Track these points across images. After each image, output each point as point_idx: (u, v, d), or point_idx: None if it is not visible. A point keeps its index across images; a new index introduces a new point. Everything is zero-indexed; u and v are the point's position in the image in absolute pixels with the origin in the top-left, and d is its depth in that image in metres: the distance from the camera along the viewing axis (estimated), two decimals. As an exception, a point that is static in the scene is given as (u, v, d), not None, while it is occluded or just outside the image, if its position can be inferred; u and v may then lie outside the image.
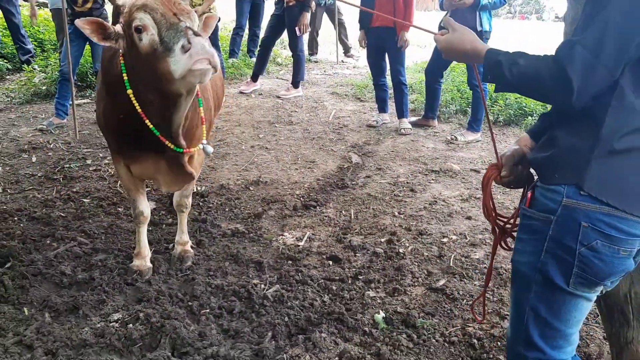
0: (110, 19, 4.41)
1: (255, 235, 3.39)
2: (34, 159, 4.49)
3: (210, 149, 2.50)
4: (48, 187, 3.97)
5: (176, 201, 3.01)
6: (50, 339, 2.26)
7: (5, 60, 7.08)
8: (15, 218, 3.46)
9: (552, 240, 1.47)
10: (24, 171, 4.24)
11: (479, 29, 4.86)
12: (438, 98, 5.66)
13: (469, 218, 3.69)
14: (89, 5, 5.03)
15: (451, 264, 3.08)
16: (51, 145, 4.79)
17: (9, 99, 6.08)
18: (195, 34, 1.98)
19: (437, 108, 5.71)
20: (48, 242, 3.17)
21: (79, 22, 2.15)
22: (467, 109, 5.86)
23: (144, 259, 2.91)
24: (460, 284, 2.89)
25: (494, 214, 1.83)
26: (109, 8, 4.59)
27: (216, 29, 6.72)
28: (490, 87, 5.55)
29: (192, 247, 3.11)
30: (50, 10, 6.54)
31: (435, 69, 5.47)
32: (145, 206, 2.89)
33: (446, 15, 4.98)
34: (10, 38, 7.14)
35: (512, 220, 1.78)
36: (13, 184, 4.01)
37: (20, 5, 7.22)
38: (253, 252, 3.18)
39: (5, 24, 7.01)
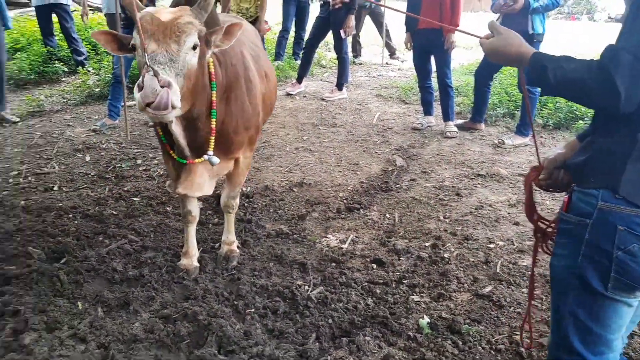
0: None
1: (299, 237, 3.41)
2: (87, 159, 4.66)
3: (215, 160, 2.42)
4: (101, 186, 4.11)
5: (223, 202, 3.05)
6: (103, 333, 2.34)
7: (61, 63, 7.37)
8: (70, 215, 3.60)
9: (589, 244, 1.47)
10: (79, 170, 4.41)
11: (530, 31, 4.76)
12: (487, 101, 5.57)
13: (516, 224, 3.61)
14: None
15: (498, 271, 3.02)
16: (104, 145, 4.96)
17: (65, 101, 6.32)
18: (155, 73, 1.85)
19: (485, 111, 5.62)
20: (100, 239, 3.28)
21: (93, 34, 2.17)
22: (516, 112, 5.75)
23: (191, 258, 2.96)
24: (508, 291, 2.83)
25: (535, 217, 1.81)
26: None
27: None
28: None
29: (237, 247, 3.16)
30: (104, 15, 6.76)
31: (485, 72, 5.38)
32: (194, 206, 2.94)
33: (498, 19, 4.92)
34: (66, 42, 7.42)
35: (553, 224, 1.75)
36: (68, 182, 4.17)
37: (74, 10, 7.49)
38: (297, 254, 3.20)
39: (60, 28, 7.28)
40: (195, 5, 2.15)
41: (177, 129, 2.29)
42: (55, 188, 4.05)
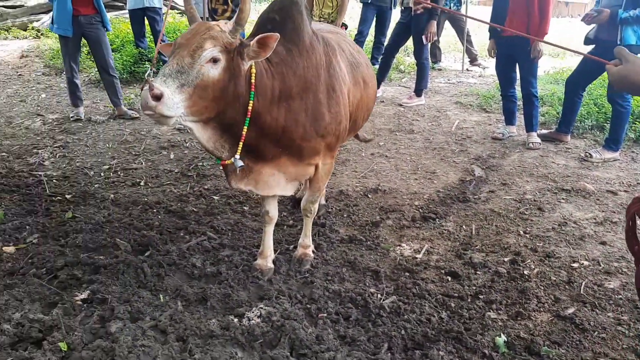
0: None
1: (372, 244, 3.40)
2: (172, 156, 4.87)
3: (239, 163, 2.46)
4: (183, 183, 4.28)
5: (302, 205, 3.07)
6: (182, 326, 2.43)
7: (151, 64, 7.73)
8: (154, 210, 3.78)
9: None
10: (163, 167, 4.62)
11: (618, 43, 4.51)
12: (576, 112, 5.30)
13: (603, 243, 3.42)
14: (227, 14, 5.35)
15: (582, 292, 2.87)
16: (187, 144, 5.17)
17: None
18: (150, 86, 2.05)
19: (573, 122, 5.36)
20: (182, 234, 3.42)
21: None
22: (605, 124, 5.44)
23: (266, 259, 3.02)
24: (592, 314, 2.69)
25: (636, 248, 1.70)
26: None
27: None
28: (633, 100, 5.13)
29: (312, 251, 3.18)
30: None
31: (579, 81, 5.12)
32: (272, 207, 2.98)
33: (592, 30, 4.71)
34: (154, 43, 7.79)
35: None
36: (153, 179, 4.37)
37: (164, 13, 7.83)
38: (370, 261, 3.19)
39: (150, 30, 7.65)
40: (232, 20, 2.29)
41: (199, 134, 2.36)
42: (142, 183, 4.27)
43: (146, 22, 7.56)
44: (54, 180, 4.25)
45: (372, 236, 3.50)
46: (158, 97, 2.05)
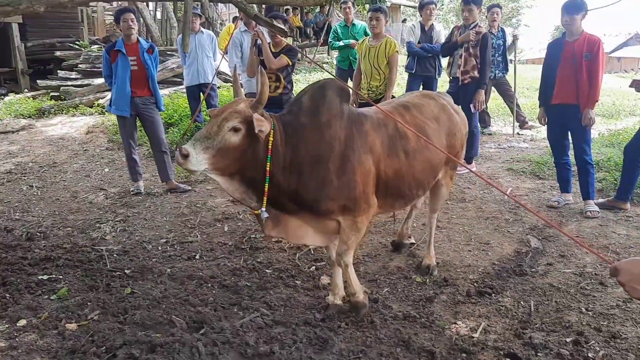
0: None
1: (426, 321, 3.33)
2: (226, 229, 5.00)
3: (264, 214, 2.95)
4: (237, 256, 4.37)
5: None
6: (236, 410, 2.43)
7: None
8: (209, 285, 3.85)
9: None
10: (218, 239, 4.73)
11: None
12: (636, 179, 5.12)
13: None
14: (279, 90, 5.57)
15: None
16: (241, 216, 5.30)
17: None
18: (179, 148, 2.68)
19: (633, 189, 5.18)
20: (235, 310, 3.46)
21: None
22: (668, 191, 5.24)
23: (335, 295, 3.48)
24: (666, 404, 2.51)
25: None
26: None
27: None
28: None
29: (366, 294, 3.48)
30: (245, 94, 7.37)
31: (639, 147, 5.00)
32: (333, 252, 3.41)
33: None
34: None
35: None
36: (208, 252, 4.48)
37: (219, 87, 8.21)
38: (425, 340, 3.12)
39: (206, 105, 8.03)
40: (255, 99, 2.88)
41: (225, 185, 2.90)
42: (197, 257, 4.38)
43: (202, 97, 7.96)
44: (115, 255, 4.42)
45: (427, 313, 3.44)
46: (185, 156, 2.66)
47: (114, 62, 5.92)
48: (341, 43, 8.16)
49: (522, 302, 3.55)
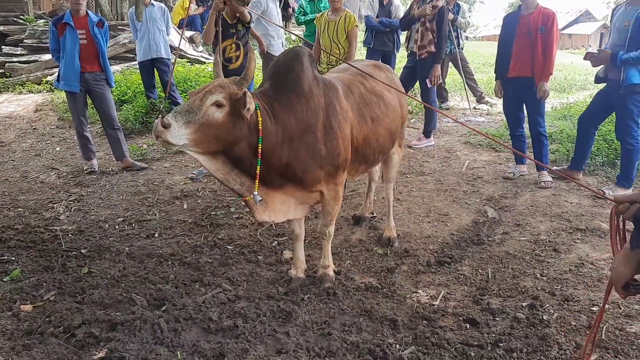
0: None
1: (388, 291, 3.38)
2: (185, 206, 4.92)
3: (258, 198, 2.86)
4: (197, 234, 4.31)
5: (318, 230, 3.46)
6: (200, 384, 2.42)
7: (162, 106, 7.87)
8: (169, 262, 3.79)
9: None
10: (177, 217, 4.65)
11: (621, 82, 4.59)
12: (589, 150, 5.28)
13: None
14: (240, 61, 5.44)
15: (603, 337, 2.82)
16: (200, 193, 5.22)
17: (165, 150, 6.73)
18: (161, 121, 2.51)
19: (585, 160, 5.35)
20: (197, 287, 3.43)
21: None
22: (616, 161, 5.44)
23: (297, 269, 3.50)
24: (615, 360, 2.64)
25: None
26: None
27: None
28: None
29: (334, 271, 3.52)
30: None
31: (591, 119, 5.15)
32: (296, 227, 3.44)
33: (600, 70, 4.81)
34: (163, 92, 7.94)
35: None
36: (167, 229, 4.41)
37: (173, 64, 8.02)
38: (387, 309, 3.17)
39: (160, 80, 7.82)
40: (240, 76, 2.79)
41: (206, 164, 2.78)
42: (156, 235, 4.30)
43: (156, 73, 7.73)
44: (70, 235, 4.29)
45: (388, 283, 3.49)
46: (166, 126, 2.50)
47: (61, 35, 5.68)
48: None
49: (480, 270, 3.64)
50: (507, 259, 3.78)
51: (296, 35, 7.02)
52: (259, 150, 2.77)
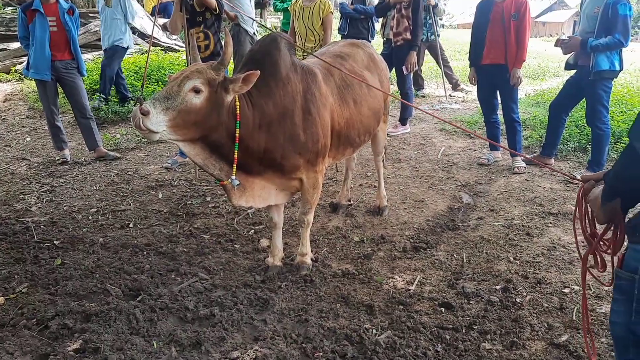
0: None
1: (365, 277, 3.40)
2: (160, 196, 4.86)
3: (235, 182, 2.87)
4: (172, 223, 4.27)
5: (297, 217, 3.50)
6: (177, 373, 2.41)
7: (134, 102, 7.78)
8: (145, 252, 3.75)
9: (639, 300, 1.47)
10: (152, 207, 4.60)
11: (591, 69, 4.67)
12: (560, 136, 5.39)
13: (592, 267, 3.44)
14: (210, 50, 5.37)
15: (574, 318, 2.89)
16: (175, 183, 5.17)
17: (139, 139, 6.64)
18: (140, 108, 2.47)
19: (557, 146, 5.44)
20: (173, 276, 3.40)
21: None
22: (587, 146, 5.54)
23: (275, 257, 3.48)
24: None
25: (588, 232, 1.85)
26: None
27: None
28: (613, 124, 5.24)
29: (311, 259, 3.51)
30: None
31: (563, 105, 5.23)
32: (275, 214, 3.44)
33: (571, 56, 4.88)
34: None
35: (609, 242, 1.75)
36: (142, 220, 4.36)
37: (146, 52, 7.89)
38: (363, 295, 3.19)
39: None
40: (217, 61, 2.75)
41: (186, 150, 2.78)
42: (131, 225, 4.25)
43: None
44: (42, 226, 4.21)
45: (365, 269, 3.51)
46: (145, 113, 2.47)
47: (30, 22, 5.53)
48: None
49: (455, 255, 3.68)
50: (481, 243, 3.83)
51: (265, 27, 6.93)
52: (237, 135, 2.78)
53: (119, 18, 7.45)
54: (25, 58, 7.77)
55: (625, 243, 1.60)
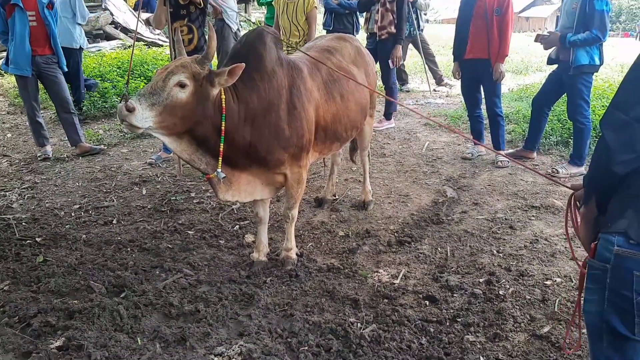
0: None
1: (350, 271, 3.41)
2: (144, 192, 4.83)
3: (221, 175, 2.86)
4: (157, 219, 4.24)
5: (282, 213, 3.51)
6: (161, 369, 2.40)
7: (118, 98, 7.69)
8: (128, 249, 3.73)
9: (611, 290, 1.49)
10: (136, 203, 4.57)
11: (570, 64, 4.73)
12: (542, 130, 5.44)
13: (574, 259, 3.50)
14: (194, 44, 5.32)
15: (556, 309, 2.93)
16: (159, 179, 5.13)
17: (122, 135, 6.58)
18: (125, 105, 2.46)
19: (539, 140, 5.50)
20: (157, 272, 3.38)
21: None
22: (569, 140, 5.61)
23: (259, 252, 3.48)
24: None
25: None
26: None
27: None
28: (594, 118, 5.30)
29: (296, 254, 3.51)
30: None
31: (544, 100, 5.28)
32: (260, 209, 3.44)
33: (552, 52, 4.92)
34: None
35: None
36: (126, 216, 4.32)
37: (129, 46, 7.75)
38: (349, 289, 3.20)
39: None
40: (202, 55, 2.75)
41: (172, 145, 2.78)
42: (114, 221, 4.21)
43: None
44: (23, 223, 4.16)
45: (350, 263, 3.52)
46: (130, 110, 2.46)
47: (9, 17, 5.44)
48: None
49: (439, 249, 3.71)
50: (465, 237, 3.86)
51: (250, 21, 6.87)
52: (223, 128, 2.77)
53: (67, 17, 7.16)
54: (4, 53, 7.65)
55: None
